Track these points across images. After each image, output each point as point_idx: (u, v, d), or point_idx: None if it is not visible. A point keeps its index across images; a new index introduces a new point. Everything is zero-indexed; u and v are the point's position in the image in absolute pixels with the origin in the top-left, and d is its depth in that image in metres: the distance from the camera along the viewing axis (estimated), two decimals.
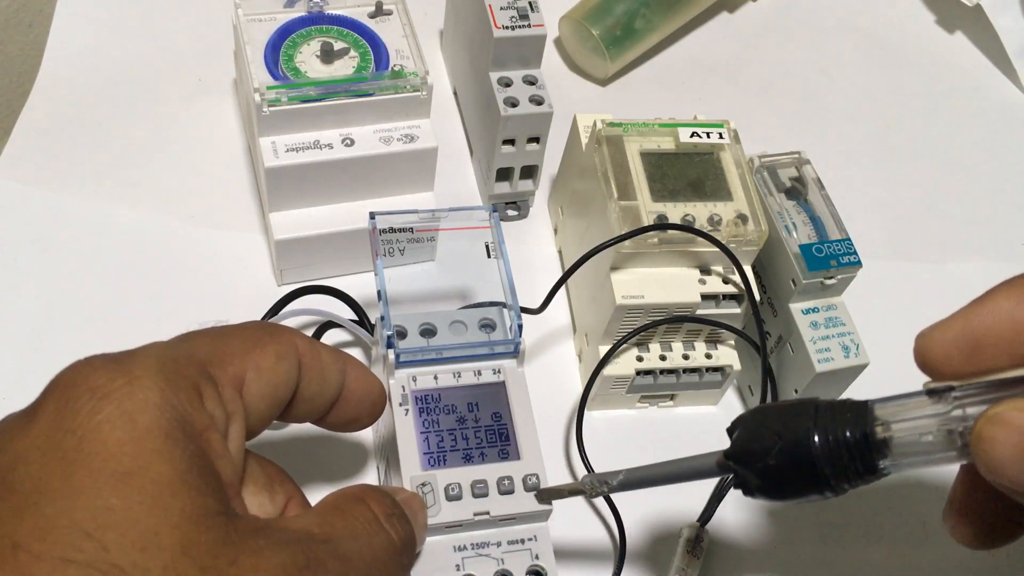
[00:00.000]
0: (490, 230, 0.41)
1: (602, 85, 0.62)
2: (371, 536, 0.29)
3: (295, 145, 0.46)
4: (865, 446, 0.28)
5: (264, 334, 0.29)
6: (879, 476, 0.29)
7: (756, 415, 0.31)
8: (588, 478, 0.36)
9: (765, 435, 0.30)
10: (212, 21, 0.58)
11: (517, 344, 0.39)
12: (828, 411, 0.29)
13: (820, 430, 0.29)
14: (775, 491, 0.30)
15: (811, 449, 0.29)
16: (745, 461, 0.30)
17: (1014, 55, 0.68)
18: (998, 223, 0.61)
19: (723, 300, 0.46)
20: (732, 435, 0.31)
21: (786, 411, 0.30)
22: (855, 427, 0.28)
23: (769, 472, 0.30)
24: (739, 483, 0.31)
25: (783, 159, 0.48)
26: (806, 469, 0.29)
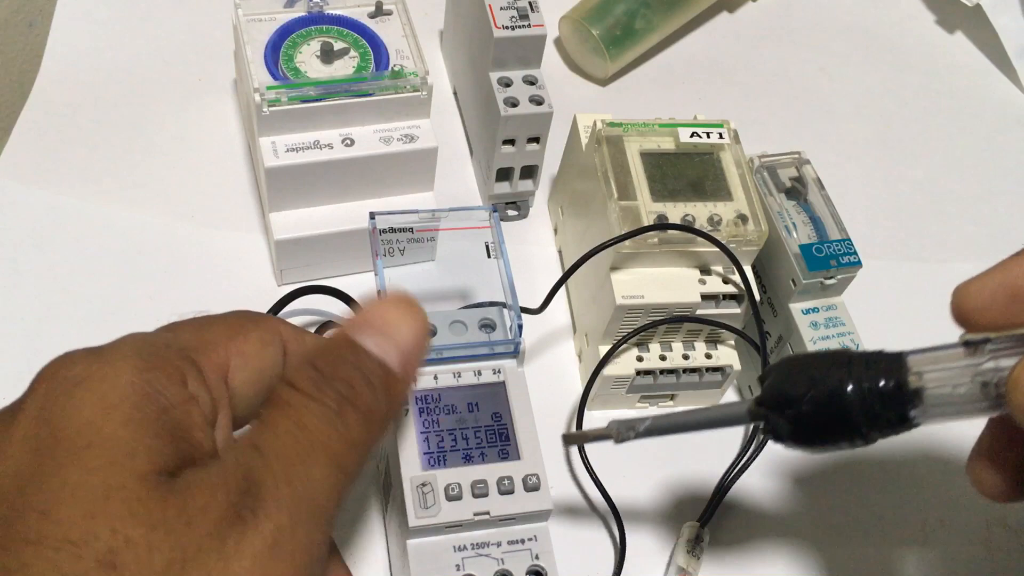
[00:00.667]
0: (490, 230, 0.41)
1: (602, 85, 0.62)
2: (303, 441, 0.24)
3: (295, 145, 0.46)
4: (898, 395, 0.28)
5: (247, 321, 0.29)
6: (909, 427, 0.29)
7: (789, 363, 0.31)
8: (615, 423, 0.35)
9: (798, 382, 0.30)
10: (212, 21, 0.58)
11: (517, 344, 0.39)
12: (862, 360, 0.29)
13: (854, 378, 0.29)
14: (806, 438, 0.30)
15: (844, 396, 0.28)
16: (777, 407, 0.30)
17: (1014, 55, 0.68)
18: (998, 223, 0.60)
19: (723, 300, 0.46)
20: (763, 383, 0.31)
21: (820, 360, 0.30)
22: (889, 376, 0.28)
23: (801, 418, 0.29)
24: (770, 430, 0.31)
25: (783, 159, 0.48)
26: (838, 416, 0.29)
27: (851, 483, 0.48)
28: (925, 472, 0.49)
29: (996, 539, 0.47)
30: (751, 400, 0.32)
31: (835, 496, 0.48)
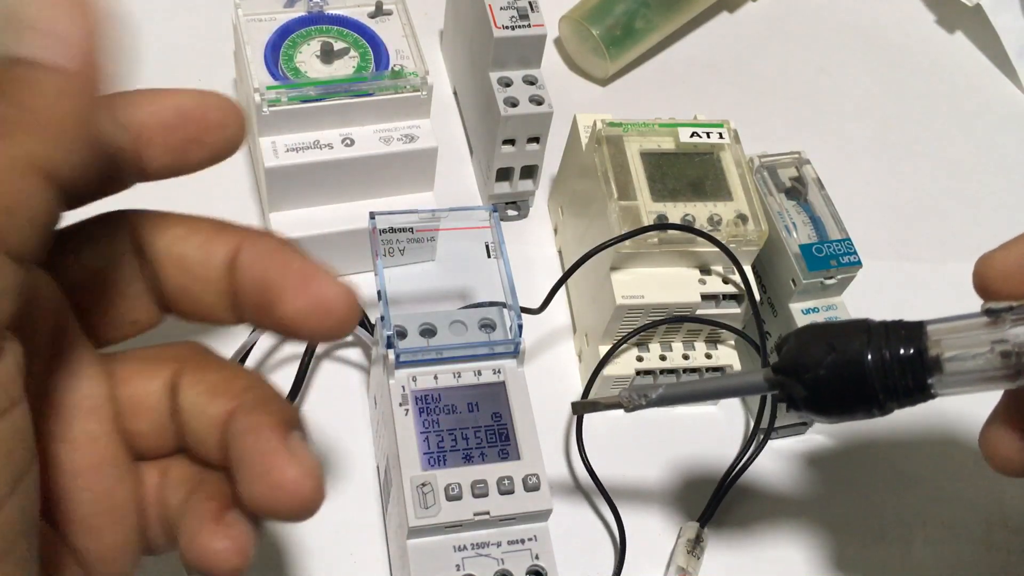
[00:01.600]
0: (490, 230, 0.41)
1: (602, 85, 0.62)
2: None
3: (295, 145, 0.46)
4: (918, 362, 0.28)
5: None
6: (927, 396, 0.28)
7: (808, 330, 0.31)
8: (627, 391, 0.34)
9: (817, 348, 0.29)
10: (212, 21, 0.58)
11: (517, 344, 0.39)
12: (882, 328, 0.29)
13: (873, 345, 0.28)
14: (822, 405, 0.30)
15: (863, 363, 0.28)
16: (795, 372, 0.30)
17: (1014, 55, 0.68)
18: (998, 223, 0.60)
19: (723, 300, 0.46)
20: (780, 350, 0.31)
21: (839, 328, 0.30)
22: (909, 344, 0.28)
23: (819, 383, 0.29)
24: (785, 397, 0.30)
25: (783, 159, 0.48)
26: (856, 383, 0.28)
27: (851, 483, 0.48)
28: (925, 472, 0.49)
29: (996, 539, 0.47)
30: (767, 368, 0.31)
31: (835, 496, 0.48)
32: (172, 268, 0.25)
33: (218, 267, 0.24)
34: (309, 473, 0.22)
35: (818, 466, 0.49)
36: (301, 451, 0.23)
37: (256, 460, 0.22)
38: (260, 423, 0.23)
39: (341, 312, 0.24)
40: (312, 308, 0.23)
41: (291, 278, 0.24)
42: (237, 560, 0.23)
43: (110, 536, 0.24)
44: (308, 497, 0.22)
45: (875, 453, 0.49)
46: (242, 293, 0.24)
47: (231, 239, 0.25)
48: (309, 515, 0.23)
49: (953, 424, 0.50)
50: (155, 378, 0.25)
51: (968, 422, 0.50)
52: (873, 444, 0.50)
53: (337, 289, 0.24)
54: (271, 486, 0.22)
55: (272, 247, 0.24)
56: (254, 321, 0.25)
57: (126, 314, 0.25)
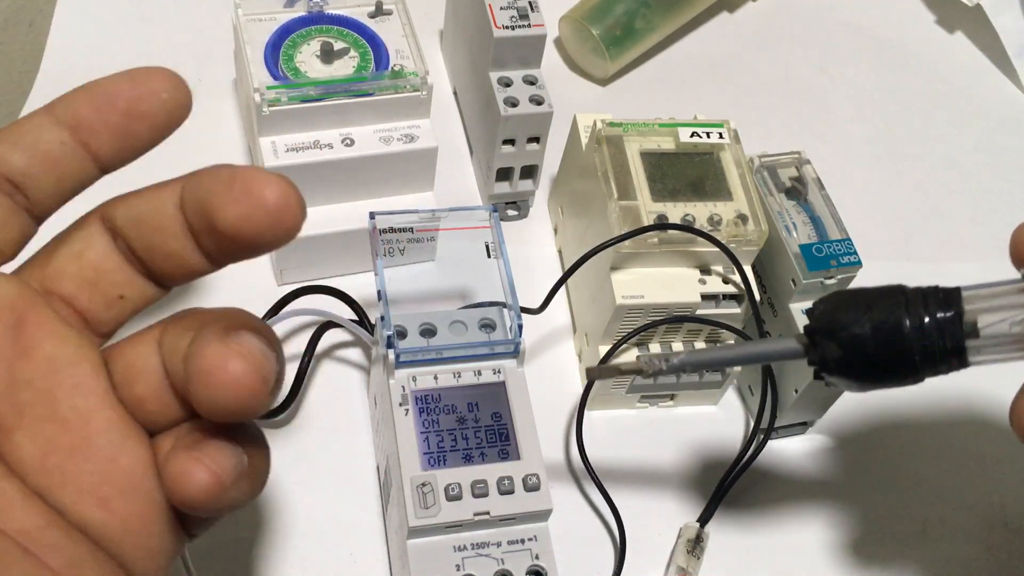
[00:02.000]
0: (490, 230, 0.41)
1: (602, 85, 0.62)
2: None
3: (295, 145, 0.46)
4: (957, 325, 0.27)
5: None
6: (963, 363, 0.28)
7: (842, 293, 0.30)
8: (646, 356, 0.33)
9: (853, 308, 0.28)
10: (212, 21, 0.58)
11: (517, 344, 0.39)
12: (918, 292, 0.28)
13: (912, 306, 0.28)
14: (855, 367, 0.29)
15: (901, 324, 0.28)
16: (830, 332, 0.29)
17: (1014, 55, 0.68)
18: (998, 223, 0.60)
19: (723, 300, 0.46)
20: (812, 315, 0.30)
21: (874, 292, 0.29)
22: (946, 307, 0.28)
23: (855, 342, 0.28)
24: (818, 359, 0.29)
25: (783, 159, 0.48)
26: (893, 343, 0.28)
27: (851, 483, 0.48)
28: (925, 472, 0.49)
29: (996, 539, 0.47)
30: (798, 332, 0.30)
31: (835, 496, 0.48)
32: (134, 231, 0.25)
33: (170, 213, 0.25)
34: (245, 360, 0.22)
35: (818, 466, 0.49)
36: (240, 343, 0.22)
37: (192, 357, 0.22)
38: (205, 329, 0.23)
39: (276, 201, 0.23)
40: (245, 206, 0.23)
41: (219, 186, 0.24)
42: (207, 479, 0.23)
43: (120, 505, 0.24)
44: (245, 384, 0.22)
45: (875, 453, 0.49)
46: (192, 226, 0.25)
47: (176, 184, 0.25)
48: (254, 408, 0.22)
49: (953, 424, 0.50)
50: (144, 341, 0.25)
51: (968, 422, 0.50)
52: (873, 444, 0.50)
53: (266, 179, 0.23)
54: (203, 375, 0.22)
55: (207, 170, 0.25)
56: (216, 251, 0.25)
57: (110, 289, 0.26)
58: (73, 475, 0.23)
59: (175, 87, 0.25)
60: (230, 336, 0.23)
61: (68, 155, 0.25)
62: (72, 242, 0.26)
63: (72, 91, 0.25)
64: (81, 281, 0.25)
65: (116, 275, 0.26)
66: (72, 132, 0.25)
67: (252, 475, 0.24)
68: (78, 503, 0.23)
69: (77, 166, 0.25)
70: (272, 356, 0.23)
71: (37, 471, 0.23)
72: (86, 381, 0.24)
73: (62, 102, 0.25)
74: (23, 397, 0.23)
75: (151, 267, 0.26)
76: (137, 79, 0.25)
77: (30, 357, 0.24)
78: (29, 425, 0.23)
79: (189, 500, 0.23)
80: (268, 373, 0.23)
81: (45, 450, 0.23)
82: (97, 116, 0.25)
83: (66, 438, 0.24)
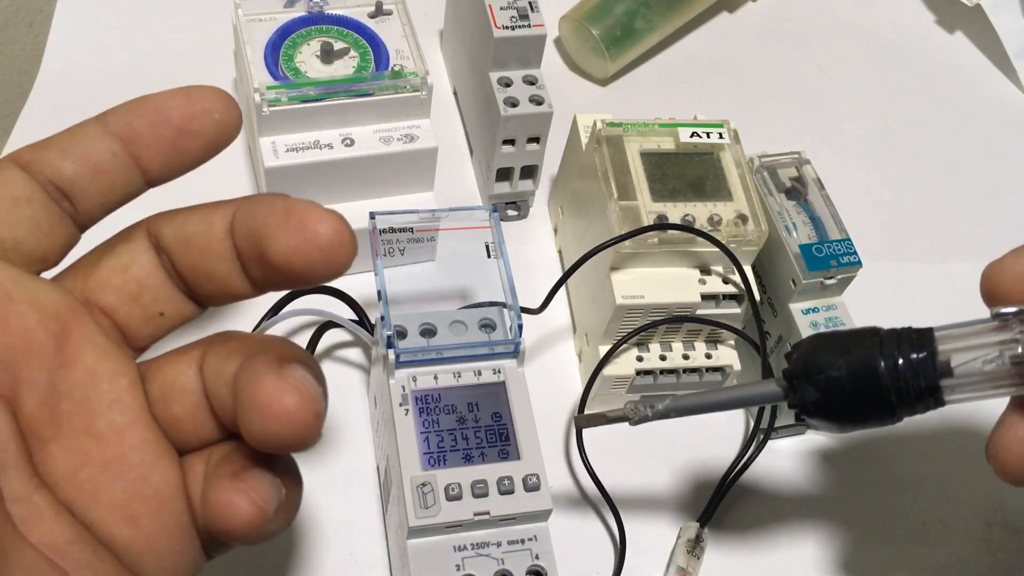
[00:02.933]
0: (490, 230, 0.41)
1: (602, 85, 0.62)
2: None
3: (295, 145, 0.46)
4: (930, 366, 0.28)
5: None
6: (938, 402, 0.28)
7: (819, 337, 0.31)
8: (632, 403, 0.35)
9: (830, 351, 0.29)
10: (212, 21, 0.58)
11: (517, 344, 0.39)
12: (892, 334, 0.29)
13: (886, 349, 0.28)
14: (835, 408, 0.29)
15: (876, 366, 0.28)
16: (807, 376, 0.30)
17: (1014, 55, 0.68)
18: (998, 223, 0.60)
19: (723, 300, 0.46)
20: (790, 358, 0.31)
21: (849, 333, 0.30)
22: (919, 347, 0.28)
23: (832, 384, 0.29)
24: (798, 403, 0.30)
25: (783, 159, 0.48)
26: (870, 386, 0.28)
27: (851, 483, 0.48)
28: (925, 472, 0.49)
29: (996, 539, 0.47)
30: (778, 376, 0.31)
31: (835, 496, 0.48)
32: (180, 249, 0.25)
33: (219, 236, 0.25)
34: (301, 395, 0.22)
35: (818, 466, 0.49)
36: (294, 377, 0.22)
37: (246, 388, 0.23)
38: (257, 359, 0.23)
39: (329, 239, 0.23)
40: (298, 240, 0.23)
41: (274, 217, 0.24)
42: (250, 511, 0.23)
43: (148, 523, 0.24)
44: (299, 419, 0.22)
45: (875, 453, 0.49)
46: (241, 252, 0.25)
47: (227, 208, 0.25)
48: (305, 442, 0.22)
49: (953, 424, 0.50)
50: (184, 361, 0.25)
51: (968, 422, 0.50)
52: (873, 444, 0.50)
53: (321, 216, 0.23)
54: (259, 407, 0.22)
55: (261, 199, 0.25)
56: (263, 280, 0.25)
57: (151, 304, 0.26)
58: (104, 490, 0.23)
59: (227, 107, 0.26)
60: (284, 369, 0.23)
61: (118, 167, 0.25)
62: (117, 254, 0.26)
63: (126, 103, 0.25)
64: (124, 294, 0.25)
65: (158, 291, 0.26)
66: (124, 144, 0.25)
67: (287, 507, 0.24)
68: (106, 519, 0.23)
69: (126, 178, 0.26)
70: (321, 390, 0.23)
71: (68, 484, 0.23)
72: (124, 396, 0.24)
73: (116, 113, 0.25)
74: (62, 408, 0.23)
75: (194, 287, 0.26)
76: (192, 97, 0.25)
77: (71, 368, 0.24)
78: (65, 437, 0.23)
79: (231, 530, 0.23)
80: (320, 408, 0.23)
81: (78, 463, 0.23)
82: (150, 130, 0.25)
83: (100, 453, 0.24)
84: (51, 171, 0.25)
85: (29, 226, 0.24)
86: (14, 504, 0.22)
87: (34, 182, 0.24)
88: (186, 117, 0.25)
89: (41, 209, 0.24)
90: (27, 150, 0.25)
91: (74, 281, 0.25)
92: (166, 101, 0.25)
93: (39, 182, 0.25)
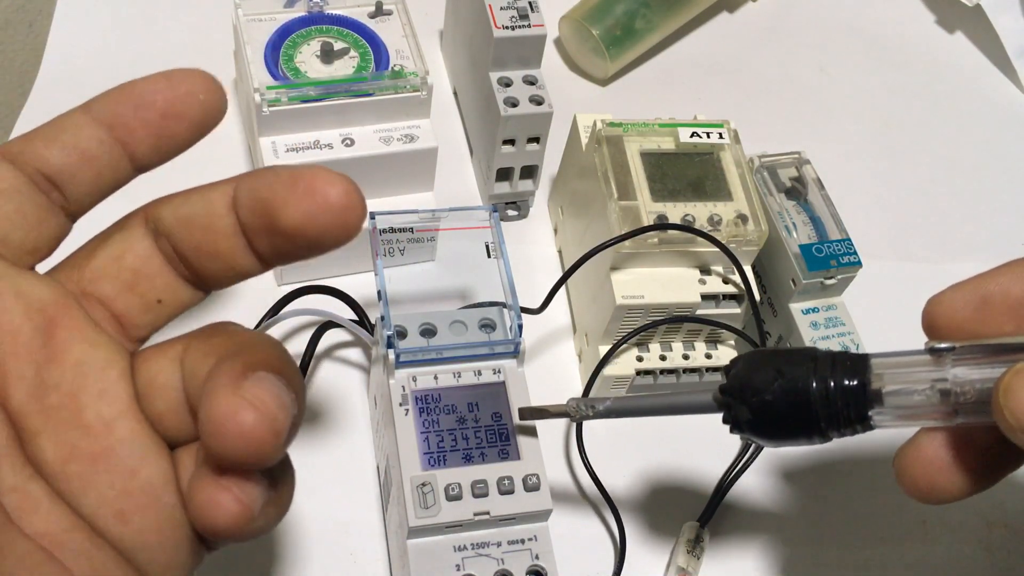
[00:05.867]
0: (490, 230, 0.41)
1: (602, 85, 0.62)
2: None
3: (295, 145, 0.46)
4: (861, 394, 0.29)
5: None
6: (867, 427, 0.29)
7: (757, 355, 0.32)
8: (574, 401, 0.36)
9: (765, 373, 0.30)
10: (212, 21, 0.58)
11: (517, 344, 0.39)
12: (828, 359, 0.30)
13: (819, 375, 0.29)
14: (765, 428, 0.31)
15: (808, 391, 0.29)
16: (741, 396, 0.31)
17: (1014, 55, 0.68)
18: (998, 223, 0.60)
19: (723, 300, 0.46)
20: (729, 373, 0.32)
21: (786, 355, 0.31)
22: (853, 375, 0.29)
23: (764, 408, 0.30)
24: (729, 419, 0.31)
25: (783, 159, 0.48)
26: (800, 410, 0.29)
27: (851, 483, 0.48)
28: None
29: (996, 539, 0.47)
30: (715, 387, 0.32)
31: (835, 496, 0.48)
32: (181, 230, 0.25)
33: (221, 213, 0.25)
34: (258, 412, 0.21)
35: (817, 467, 0.49)
36: (254, 389, 0.22)
37: (205, 401, 0.22)
38: (221, 367, 0.22)
39: (340, 200, 0.23)
40: (309, 204, 0.23)
41: (282, 185, 0.23)
42: (235, 508, 0.22)
43: (138, 518, 0.23)
44: (255, 437, 0.21)
45: (875, 453, 0.49)
46: (248, 226, 0.24)
47: (227, 184, 0.25)
48: (264, 460, 0.22)
49: None
50: (167, 356, 0.25)
51: None
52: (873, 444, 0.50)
53: (330, 178, 0.23)
54: (213, 424, 0.21)
55: (263, 171, 0.25)
56: (271, 251, 0.25)
57: (149, 292, 0.25)
58: (93, 484, 0.23)
59: (211, 89, 0.26)
60: (246, 380, 0.22)
61: (105, 153, 0.25)
62: (113, 243, 0.26)
63: (109, 90, 0.25)
64: (120, 283, 0.25)
65: (156, 279, 0.25)
66: (110, 131, 0.25)
67: (278, 502, 0.24)
68: (96, 513, 0.23)
69: (114, 165, 0.25)
70: (288, 402, 0.22)
71: (58, 477, 0.23)
72: (112, 388, 0.24)
73: (99, 101, 0.25)
74: (50, 400, 0.23)
75: (197, 269, 0.25)
76: (175, 80, 0.25)
77: (59, 361, 0.23)
78: (54, 429, 0.23)
79: (215, 528, 0.23)
80: (281, 425, 0.22)
81: (67, 456, 0.23)
82: (135, 115, 0.25)
83: (88, 445, 0.23)
84: (39, 161, 0.24)
85: (16, 219, 0.24)
86: (7, 495, 0.22)
87: (20, 174, 0.24)
88: (170, 100, 0.25)
89: (28, 201, 0.24)
90: (14, 143, 0.25)
91: (70, 272, 0.25)
92: (149, 85, 0.25)
93: (27, 173, 0.24)
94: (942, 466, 0.30)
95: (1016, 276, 0.29)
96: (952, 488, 0.30)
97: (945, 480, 0.30)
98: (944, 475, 0.30)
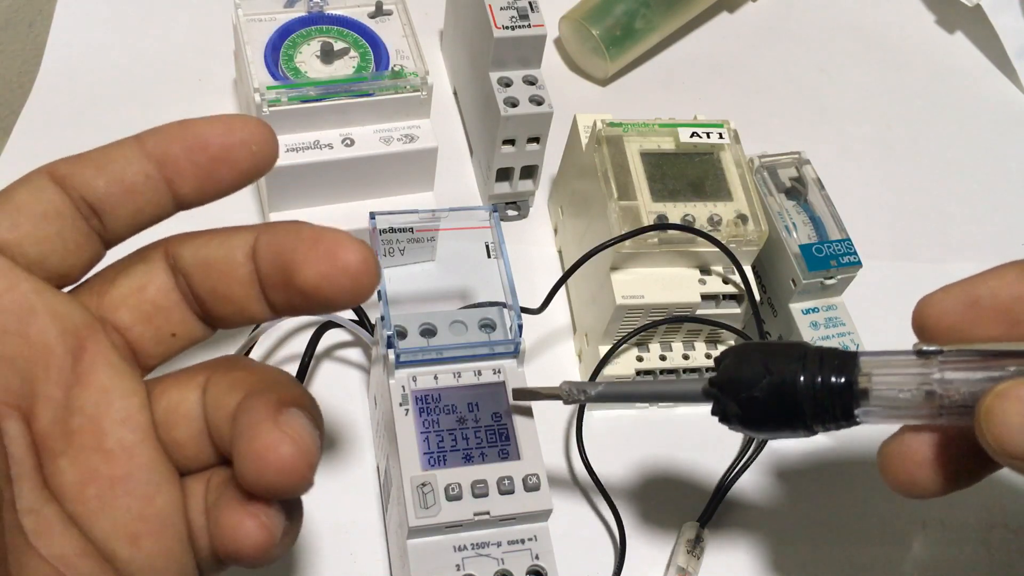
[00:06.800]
0: (490, 230, 0.41)
1: (602, 85, 0.62)
2: None
3: (295, 145, 0.46)
4: (848, 392, 0.29)
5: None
6: (852, 423, 0.30)
7: (746, 349, 0.32)
8: (567, 384, 0.36)
9: (754, 368, 0.31)
10: (212, 21, 0.58)
11: (517, 344, 0.39)
12: (817, 355, 0.30)
13: (808, 371, 0.30)
14: (752, 422, 0.31)
15: (796, 387, 0.30)
16: (730, 390, 0.31)
17: (1014, 55, 0.68)
18: (998, 223, 0.60)
19: (723, 300, 0.46)
20: (719, 365, 0.32)
21: (776, 349, 0.31)
22: (841, 373, 0.29)
23: (752, 403, 0.31)
24: (719, 411, 0.32)
25: (783, 159, 0.48)
26: (788, 405, 0.30)
27: (851, 483, 0.48)
28: None
29: (996, 539, 0.47)
30: (705, 379, 0.33)
31: (835, 496, 0.48)
32: (199, 272, 0.26)
33: (240, 261, 0.25)
34: (296, 446, 0.22)
35: (818, 466, 0.49)
36: (291, 424, 0.23)
37: (244, 433, 0.23)
38: (256, 402, 0.23)
39: (357, 266, 0.24)
40: (327, 268, 0.24)
41: (303, 244, 0.24)
42: (260, 534, 0.23)
43: (150, 543, 0.24)
44: (294, 470, 0.22)
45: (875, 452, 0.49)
46: (264, 277, 0.25)
47: (248, 233, 0.26)
48: (298, 491, 0.23)
49: None
50: (188, 386, 0.26)
51: None
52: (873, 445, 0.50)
53: (349, 244, 0.24)
54: (254, 456, 0.22)
55: (285, 226, 0.25)
56: (285, 304, 0.25)
57: (164, 325, 0.26)
58: (109, 508, 0.24)
59: (265, 141, 0.26)
60: (282, 416, 0.23)
61: (151, 189, 0.25)
62: (134, 274, 0.26)
63: (165, 126, 0.26)
64: (138, 314, 0.26)
65: (172, 313, 0.26)
66: (159, 167, 0.25)
67: (291, 531, 0.25)
68: (109, 536, 0.24)
69: (157, 200, 0.26)
70: (317, 434, 0.23)
71: (74, 499, 0.23)
72: (135, 416, 0.24)
73: (154, 135, 0.25)
74: (74, 423, 0.24)
75: (210, 309, 0.26)
76: (233, 126, 0.26)
77: (85, 384, 0.24)
78: (75, 452, 0.24)
79: (239, 553, 0.23)
80: (314, 457, 0.23)
81: (86, 479, 0.23)
82: (186, 155, 0.25)
83: (108, 470, 0.24)
84: (84, 187, 0.25)
85: (56, 242, 0.24)
86: (26, 516, 0.22)
87: (66, 197, 0.25)
88: (224, 147, 0.25)
89: (70, 225, 0.25)
90: (63, 163, 0.25)
91: (89, 298, 0.26)
92: (206, 128, 0.25)
93: (71, 197, 0.25)
94: (923, 462, 0.30)
95: (1005, 279, 0.30)
96: (931, 485, 0.30)
97: (925, 476, 0.30)
98: (924, 471, 0.30)
